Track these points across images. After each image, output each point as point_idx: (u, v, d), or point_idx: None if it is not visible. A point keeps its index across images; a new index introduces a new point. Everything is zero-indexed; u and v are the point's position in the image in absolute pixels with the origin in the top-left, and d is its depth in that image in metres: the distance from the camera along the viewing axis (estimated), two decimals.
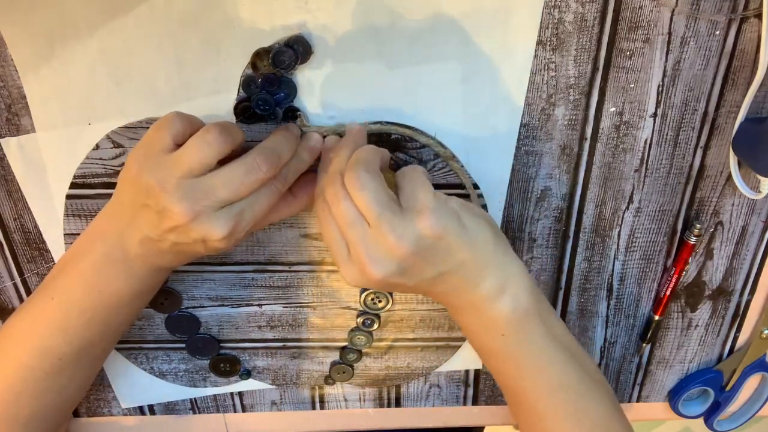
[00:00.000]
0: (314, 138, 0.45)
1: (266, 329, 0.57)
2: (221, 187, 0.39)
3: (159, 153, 0.40)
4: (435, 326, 0.57)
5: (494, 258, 0.43)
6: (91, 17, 0.42)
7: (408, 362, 0.59)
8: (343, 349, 0.58)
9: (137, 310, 0.48)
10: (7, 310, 0.55)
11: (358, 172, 0.40)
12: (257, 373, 0.59)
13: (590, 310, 0.58)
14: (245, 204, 0.40)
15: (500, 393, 0.63)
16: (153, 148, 0.40)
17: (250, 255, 0.52)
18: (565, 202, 0.52)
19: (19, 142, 0.47)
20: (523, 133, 0.48)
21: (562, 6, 0.43)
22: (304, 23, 0.43)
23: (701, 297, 0.58)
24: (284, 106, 0.45)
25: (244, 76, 0.44)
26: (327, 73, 0.45)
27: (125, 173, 0.42)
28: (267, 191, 0.41)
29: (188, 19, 0.42)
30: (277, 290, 0.55)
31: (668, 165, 0.50)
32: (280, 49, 0.43)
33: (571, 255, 0.55)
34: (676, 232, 0.54)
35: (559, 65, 0.46)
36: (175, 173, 0.39)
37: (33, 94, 0.45)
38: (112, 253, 0.43)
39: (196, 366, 0.58)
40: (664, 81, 0.47)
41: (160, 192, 0.39)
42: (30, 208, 0.50)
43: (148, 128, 0.45)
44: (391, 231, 0.39)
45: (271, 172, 0.40)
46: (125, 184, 0.42)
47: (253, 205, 0.41)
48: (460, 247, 0.41)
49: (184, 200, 0.38)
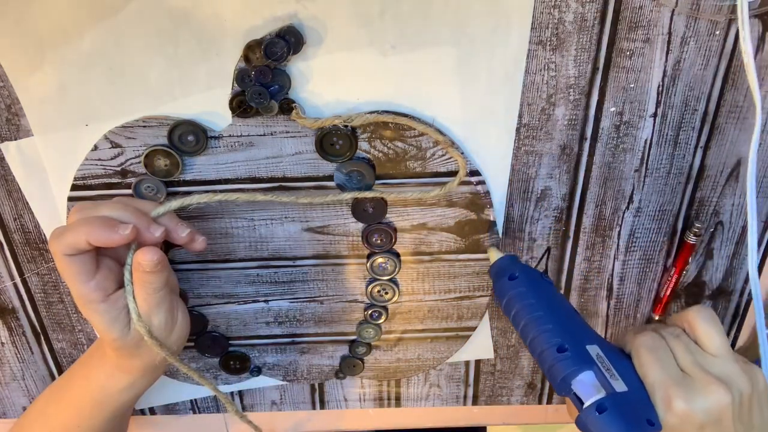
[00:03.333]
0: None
1: (274, 325, 0.57)
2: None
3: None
4: (444, 317, 0.57)
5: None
6: (81, 21, 0.42)
7: (418, 354, 0.59)
8: (352, 343, 0.58)
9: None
10: (8, 310, 0.55)
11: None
12: (268, 369, 0.59)
13: (590, 310, 0.58)
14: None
15: (500, 393, 0.63)
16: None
17: (253, 251, 0.52)
18: (565, 202, 0.52)
19: (18, 145, 0.47)
20: (523, 133, 0.48)
21: (562, 6, 0.43)
22: (295, 13, 0.43)
23: (701, 297, 0.58)
24: (279, 99, 0.45)
25: (237, 70, 0.44)
26: (320, 63, 0.44)
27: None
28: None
29: (178, 15, 0.42)
30: (282, 285, 0.55)
31: (668, 165, 0.50)
32: (272, 41, 0.43)
33: (571, 255, 0.55)
34: (676, 232, 0.54)
35: (559, 65, 0.46)
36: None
37: (28, 100, 0.45)
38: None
39: (206, 364, 0.59)
40: (664, 81, 0.46)
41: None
42: (30, 208, 0.50)
43: (145, 127, 0.46)
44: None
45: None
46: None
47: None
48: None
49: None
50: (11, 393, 0.61)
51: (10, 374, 0.59)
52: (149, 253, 0.42)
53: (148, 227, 0.42)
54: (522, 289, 0.45)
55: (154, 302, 0.44)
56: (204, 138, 0.46)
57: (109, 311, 0.43)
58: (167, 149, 0.47)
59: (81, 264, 0.42)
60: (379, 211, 0.50)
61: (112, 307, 0.43)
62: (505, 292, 0.46)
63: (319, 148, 0.47)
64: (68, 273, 0.42)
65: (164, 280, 0.44)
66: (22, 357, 0.58)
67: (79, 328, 0.57)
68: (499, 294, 0.47)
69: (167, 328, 0.46)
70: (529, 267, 0.48)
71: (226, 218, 0.51)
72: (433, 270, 0.54)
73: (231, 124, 0.46)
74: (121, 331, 0.44)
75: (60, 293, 0.54)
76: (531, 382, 0.63)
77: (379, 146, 0.48)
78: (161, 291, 0.44)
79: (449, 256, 0.53)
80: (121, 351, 0.45)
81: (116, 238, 0.41)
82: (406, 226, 0.52)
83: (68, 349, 0.58)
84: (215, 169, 0.48)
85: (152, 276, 0.43)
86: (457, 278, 0.54)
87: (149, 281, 0.43)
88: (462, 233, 0.52)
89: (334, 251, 0.53)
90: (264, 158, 0.48)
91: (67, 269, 0.42)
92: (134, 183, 0.48)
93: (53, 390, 0.53)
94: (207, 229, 0.51)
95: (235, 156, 0.48)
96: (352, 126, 0.46)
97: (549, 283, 0.47)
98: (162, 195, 0.48)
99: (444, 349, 0.59)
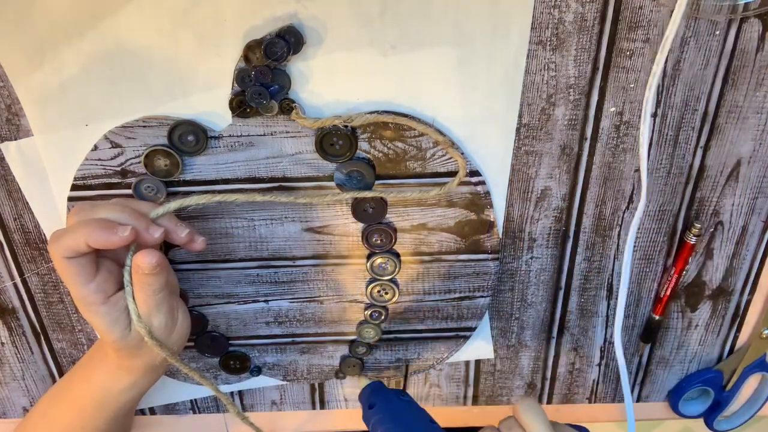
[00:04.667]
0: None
1: (274, 325, 0.57)
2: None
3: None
4: (443, 317, 0.57)
5: None
6: (81, 21, 0.42)
7: (418, 353, 0.59)
8: (352, 343, 0.58)
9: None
10: (8, 310, 0.55)
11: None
12: (268, 369, 0.59)
13: (590, 310, 0.58)
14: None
15: (500, 393, 0.63)
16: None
17: (253, 251, 0.52)
18: (565, 202, 0.52)
19: (18, 146, 0.47)
20: (523, 133, 0.48)
21: (562, 6, 0.43)
22: (295, 13, 0.43)
23: (701, 297, 0.58)
24: (279, 99, 0.45)
25: (237, 70, 0.44)
26: (320, 64, 0.44)
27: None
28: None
29: (178, 15, 0.42)
30: (282, 285, 0.55)
31: (668, 165, 0.50)
32: (272, 41, 0.43)
33: (571, 255, 0.55)
34: (676, 232, 0.54)
35: (559, 65, 0.46)
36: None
37: (28, 100, 0.45)
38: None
39: (206, 364, 0.59)
40: (664, 81, 0.46)
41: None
42: (30, 208, 0.50)
43: (145, 127, 0.46)
44: None
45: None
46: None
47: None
48: None
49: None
50: (11, 393, 0.61)
51: (10, 374, 0.59)
52: (148, 255, 0.42)
53: (147, 228, 0.42)
54: (380, 416, 0.50)
55: (154, 304, 0.44)
56: (204, 138, 0.46)
57: (110, 313, 0.43)
58: (167, 149, 0.47)
59: (81, 266, 0.42)
60: (379, 211, 0.50)
61: (112, 309, 0.43)
62: (368, 419, 0.51)
63: (319, 148, 0.47)
64: (68, 275, 0.42)
65: (164, 281, 0.44)
66: (22, 357, 0.58)
67: (79, 328, 0.57)
68: (365, 421, 0.52)
69: (167, 328, 0.46)
70: (387, 392, 0.53)
71: (226, 218, 0.51)
72: (433, 270, 0.54)
73: (231, 124, 0.46)
74: (122, 333, 0.44)
75: (60, 293, 0.54)
76: (531, 382, 0.63)
77: (379, 146, 0.48)
78: (161, 293, 0.44)
79: (449, 257, 0.53)
80: (122, 352, 0.45)
81: (115, 240, 0.40)
82: (406, 226, 0.52)
83: (68, 349, 0.58)
84: (215, 169, 0.48)
85: (151, 278, 0.43)
86: (457, 278, 0.55)
87: (148, 283, 0.43)
88: (462, 233, 0.52)
89: (334, 251, 0.53)
90: (264, 158, 0.48)
91: (66, 272, 0.42)
92: (134, 183, 0.48)
93: (55, 392, 0.53)
94: (207, 229, 0.51)
95: (235, 156, 0.48)
96: (352, 126, 0.46)
97: (406, 402, 0.52)
98: (162, 195, 0.48)
99: (444, 349, 0.59)
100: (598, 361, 0.61)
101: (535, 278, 0.56)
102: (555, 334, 0.59)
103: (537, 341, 0.60)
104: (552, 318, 0.58)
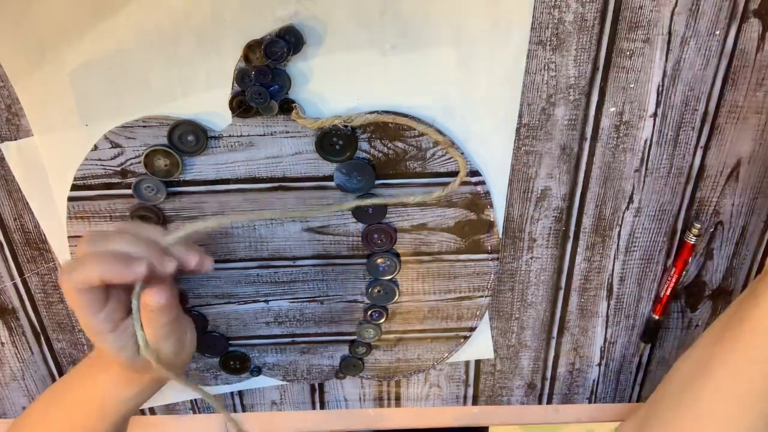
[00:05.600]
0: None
1: (274, 325, 0.57)
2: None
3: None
4: (443, 317, 0.57)
5: None
6: (81, 21, 0.42)
7: (418, 353, 0.59)
8: (352, 343, 0.58)
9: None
10: (8, 310, 0.55)
11: None
12: (268, 369, 0.59)
13: (590, 310, 0.58)
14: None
15: (500, 393, 0.63)
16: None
17: (253, 251, 0.52)
18: (565, 202, 0.52)
19: (18, 146, 0.47)
20: (523, 133, 0.48)
21: (562, 6, 0.43)
22: (295, 13, 0.43)
23: (701, 297, 0.58)
24: (279, 99, 0.45)
25: (237, 70, 0.44)
26: (320, 64, 0.44)
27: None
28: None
29: (178, 14, 0.42)
30: (282, 285, 0.55)
31: (668, 165, 0.50)
32: (272, 41, 0.43)
33: (571, 255, 0.55)
34: (676, 232, 0.54)
35: (559, 65, 0.46)
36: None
37: (28, 100, 0.45)
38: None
39: (206, 364, 0.59)
40: (664, 81, 0.46)
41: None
42: (30, 208, 0.50)
43: (145, 127, 0.46)
44: None
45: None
46: None
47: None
48: None
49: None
50: (11, 393, 0.61)
51: (10, 374, 0.59)
52: (156, 295, 0.41)
53: (161, 261, 0.41)
54: None
55: (162, 334, 0.43)
56: (204, 138, 0.46)
57: (118, 340, 0.43)
58: (167, 149, 0.47)
59: (92, 297, 0.41)
60: (379, 211, 0.50)
61: (120, 336, 0.43)
62: None
63: (319, 148, 0.47)
64: (78, 306, 0.41)
65: (172, 315, 0.43)
66: (22, 357, 0.58)
67: (79, 328, 0.57)
68: None
69: (176, 353, 0.45)
70: None
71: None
72: (433, 270, 0.54)
73: (231, 124, 0.46)
74: (130, 356, 0.43)
75: (60, 293, 0.54)
76: (531, 382, 0.63)
77: (379, 146, 0.48)
78: (169, 325, 0.43)
79: (449, 257, 0.53)
80: (129, 369, 0.45)
81: (130, 276, 0.40)
82: (406, 226, 0.52)
83: (68, 349, 0.58)
84: (215, 169, 0.48)
85: (160, 314, 0.42)
86: (457, 278, 0.55)
87: (156, 318, 0.42)
88: (462, 233, 0.52)
89: (334, 251, 0.53)
90: (264, 158, 0.48)
91: (77, 302, 0.41)
92: (134, 183, 0.48)
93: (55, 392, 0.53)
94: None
95: (235, 156, 0.48)
96: (352, 126, 0.46)
97: None
98: (162, 195, 0.48)
99: (444, 349, 0.59)
100: (598, 361, 0.61)
101: (535, 278, 0.56)
102: (555, 334, 0.59)
103: (537, 341, 0.60)
104: (552, 318, 0.58)
